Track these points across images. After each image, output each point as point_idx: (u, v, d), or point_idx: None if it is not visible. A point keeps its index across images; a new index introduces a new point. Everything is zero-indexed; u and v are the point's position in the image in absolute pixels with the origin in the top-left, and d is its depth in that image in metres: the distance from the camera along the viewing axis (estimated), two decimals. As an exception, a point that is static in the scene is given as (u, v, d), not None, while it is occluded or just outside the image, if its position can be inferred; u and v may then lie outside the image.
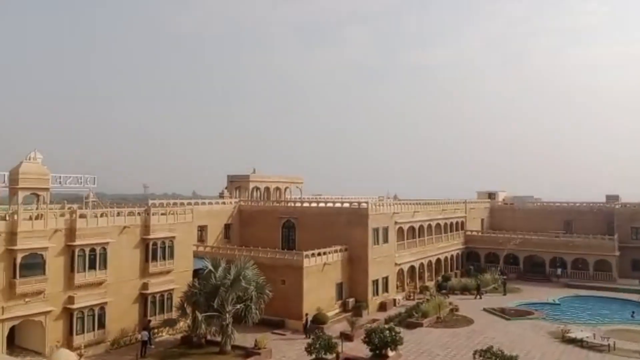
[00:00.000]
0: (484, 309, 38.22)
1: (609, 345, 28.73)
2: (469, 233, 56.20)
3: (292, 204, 45.13)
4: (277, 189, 53.22)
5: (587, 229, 54.07)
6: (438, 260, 48.97)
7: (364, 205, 39.20)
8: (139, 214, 30.68)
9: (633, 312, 36.77)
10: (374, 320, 33.32)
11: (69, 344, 26.03)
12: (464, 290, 44.30)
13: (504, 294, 43.91)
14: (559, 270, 50.71)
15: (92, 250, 27.49)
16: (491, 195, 67.55)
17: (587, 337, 30.03)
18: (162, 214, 31.91)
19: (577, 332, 30.78)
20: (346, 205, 41.84)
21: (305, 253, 33.60)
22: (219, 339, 27.74)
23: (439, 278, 47.56)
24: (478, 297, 42.27)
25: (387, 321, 32.94)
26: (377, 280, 38.57)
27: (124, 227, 29.46)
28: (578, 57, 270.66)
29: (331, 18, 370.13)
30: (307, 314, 32.10)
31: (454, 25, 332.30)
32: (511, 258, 52.94)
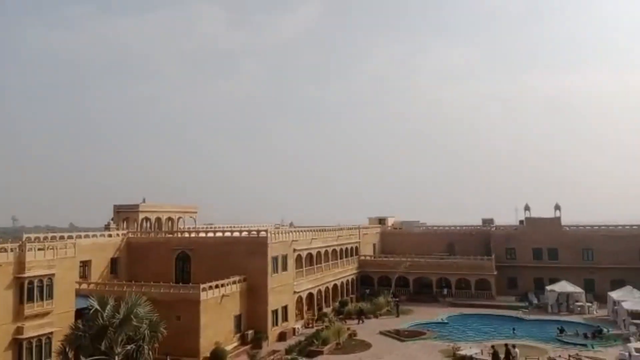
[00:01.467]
0: (380, 332, 39.25)
1: None
2: (362, 258, 57.86)
3: (187, 235, 43.30)
4: (170, 219, 50.72)
5: (468, 251, 58.33)
6: (335, 285, 49.64)
7: (264, 233, 38.73)
8: (11, 249, 27.36)
9: (514, 329, 39.83)
10: (274, 352, 32.67)
11: None
12: (360, 314, 45.20)
13: (397, 316, 45.56)
14: (445, 290, 53.90)
15: (-48, 293, 23.87)
16: (381, 221, 70.41)
17: (476, 353, 32.00)
18: (40, 249, 28.76)
19: (466, 350, 32.68)
20: (244, 234, 41.03)
21: (202, 286, 32.19)
22: (106, 385, 25.30)
23: (337, 303, 48.12)
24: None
25: (287, 351, 32.48)
26: (276, 310, 38.01)
27: (-7, 265, 26.05)
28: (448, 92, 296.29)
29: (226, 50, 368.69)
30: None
31: (344, 63, 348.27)
32: (402, 280, 55.27)
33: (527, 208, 58.46)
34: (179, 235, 43.75)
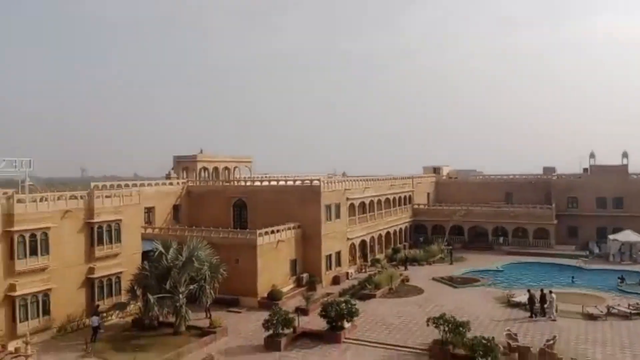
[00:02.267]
0: (433, 278, 39.51)
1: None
2: (416, 206, 57.65)
3: (243, 183, 44.54)
4: (226, 168, 52.29)
5: (527, 200, 56.81)
6: (388, 233, 50.01)
7: (317, 182, 39.25)
8: (81, 197, 29.25)
9: (573, 277, 39.02)
10: (328, 294, 33.71)
11: (12, 332, 24.80)
12: (414, 261, 45.53)
13: (451, 263, 45.53)
14: (501, 239, 53.14)
15: (33, 235, 26.03)
16: (436, 170, 69.42)
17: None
18: (107, 197, 30.59)
19: (520, 297, 32.36)
20: (298, 183, 41.75)
21: (259, 231, 33.33)
22: (172, 320, 27.25)
23: (389, 250, 48.64)
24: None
25: (341, 294, 33.40)
26: (330, 255, 38.94)
27: (66, 212, 28.05)
28: (513, 39, 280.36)
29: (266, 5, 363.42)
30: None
31: (391, 12, 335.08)
32: (456, 229, 54.86)
33: (592, 155, 55.74)
34: (236, 184, 45.08)
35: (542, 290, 30.85)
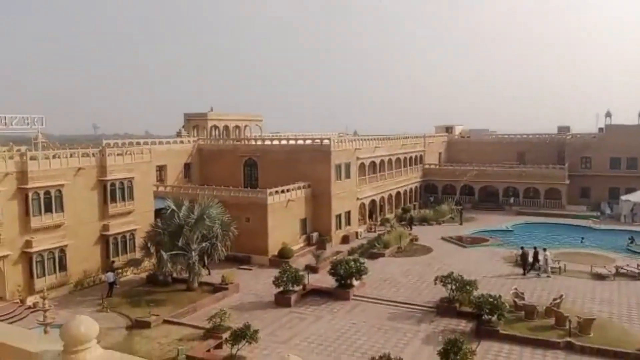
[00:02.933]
0: (442, 238, 39.77)
1: (559, 267, 30.62)
2: (427, 166, 57.41)
3: (254, 142, 44.51)
4: (237, 127, 52.18)
5: (539, 160, 56.21)
6: (398, 193, 50.07)
7: (327, 142, 39.11)
8: (93, 155, 29.53)
9: (583, 238, 38.98)
10: (337, 253, 34.17)
11: (30, 288, 25.60)
12: (423, 221, 45.75)
13: (461, 223, 45.64)
14: (512, 199, 53.01)
15: (47, 193, 26.47)
16: (448, 129, 68.69)
17: (539, 260, 31.80)
18: (119, 155, 30.84)
19: (530, 257, 32.45)
20: (308, 142, 41.63)
21: (269, 190, 33.54)
22: (185, 276, 27.91)
23: (399, 210, 48.82)
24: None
25: (350, 253, 33.84)
26: (340, 215, 39.21)
27: (79, 169, 28.37)
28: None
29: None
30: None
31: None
32: (467, 189, 54.72)
33: (608, 115, 54.64)
34: (246, 142, 45.06)
35: (535, 248, 31.44)
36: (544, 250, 30.96)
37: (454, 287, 24.13)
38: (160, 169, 39.66)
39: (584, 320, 21.10)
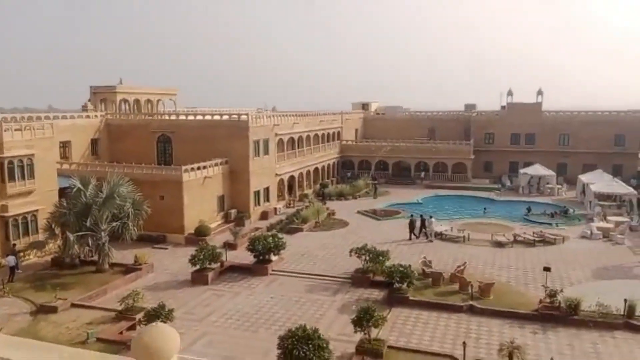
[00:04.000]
0: (358, 212, 41.04)
1: (464, 236, 32.80)
2: (344, 142, 58.58)
3: (167, 117, 42.90)
4: (149, 101, 49.95)
5: (448, 136, 59.27)
6: (316, 169, 50.78)
7: (244, 117, 38.60)
8: (-13, 130, 27.06)
9: (485, 208, 41.90)
10: (256, 229, 34.20)
11: None
12: (340, 196, 46.87)
13: (375, 197, 47.32)
14: (423, 174, 55.62)
15: None
16: (365, 106, 70.27)
17: (446, 230, 33.93)
18: (17, 130, 28.50)
19: (437, 227, 34.51)
20: (225, 117, 40.83)
21: (184, 167, 32.65)
22: (94, 258, 26.71)
23: (317, 186, 49.61)
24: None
25: (269, 229, 34.03)
26: (258, 191, 39.13)
27: (-30, 145, 25.93)
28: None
29: None
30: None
31: None
32: (382, 164, 56.63)
33: (509, 93, 58.45)
34: (159, 117, 43.34)
35: (421, 215, 34.43)
36: (430, 217, 34.07)
37: (368, 258, 25.12)
38: (65, 145, 37.23)
39: (484, 284, 22.86)
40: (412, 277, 22.83)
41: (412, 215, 34.81)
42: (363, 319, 17.73)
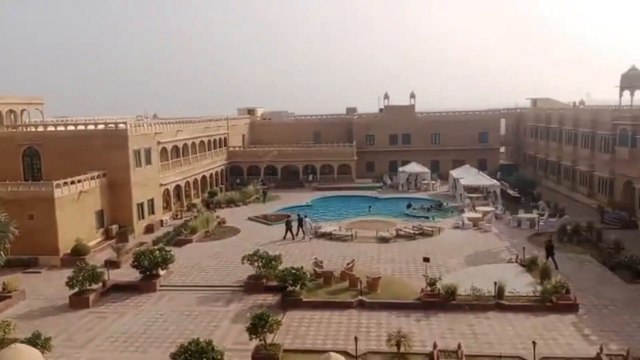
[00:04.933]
0: (249, 218, 40.88)
1: (351, 235, 34.16)
2: (232, 149, 58.00)
3: (34, 129, 39.22)
4: (11, 111, 45.21)
5: (332, 138, 61.30)
6: (204, 177, 49.65)
7: (122, 126, 36.57)
8: None
9: (370, 207, 43.97)
10: (141, 244, 32.61)
11: None
12: (230, 203, 46.31)
13: (264, 202, 47.47)
14: (311, 176, 56.90)
15: None
16: (250, 112, 70.15)
17: (335, 230, 35.07)
18: None
19: (326, 227, 35.60)
20: (101, 127, 38.32)
21: (55, 182, 30.10)
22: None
23: (206, 194, 48.53)
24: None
25: (155, 242, 32.64)
26: (142, 204, 37.29)
27: None
28: None
29: None
30: None
31: None
32: (270, 169, 56.96)
33: (386, 96, 61.94)
34: (25, 129, 39.48)
35: (299, 215, 36.22)
36: (305, 216, 35.87)
37: (260, 264, 25.14)
38: None
39: (372, 279, 24.03)
40: (305, 279, 23.29)
41: (288, 216, 36.86)
42: (258, 325, 17.76)
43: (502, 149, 66.01)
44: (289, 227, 34.59)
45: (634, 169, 36.35)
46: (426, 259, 26.38)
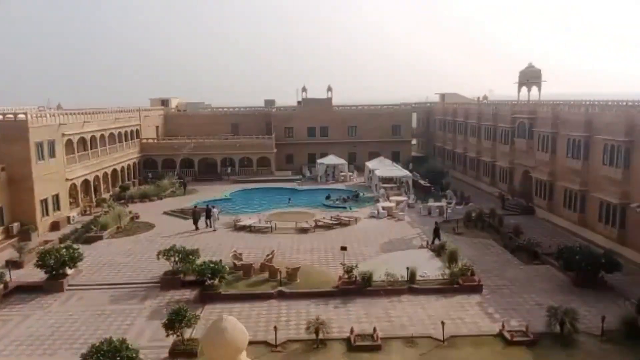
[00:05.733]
0: (164, 212, 39.68)
1: (271, 227, 34.25)
2: (145, 141, 55.78)
3: None
4: None
5: (251, 131, 60.88)
6: (114, 170, 47.39)
7: (22, 116, 33.96)
8: None
9: (289, 198, 44.26)
10: (46, 242, 30.61)
11: None
12: (144, 197, 44.63)
13: (184, 195, 46.30)
14: (229, 169, 56.16)
15: None
16: (164, 102, 67.74)
17: (254, 222, 35.00)
18: None
19: (246, 220, 35.42)
20: (-4, 117, 35.33)
21: (-56, 178, 27.46)
22: None
23: (117, 188, 46.38)
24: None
25: (62, 240, 30.79)
26: (46, 199, 34.96)
27: None
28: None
29: None
30: None
31: None
32: (187, 162, 55.47)
33: (304, 90, 62.38)
34: None
35: (207, 206, 36.76)
36: (213, 207, 36.28)
37: (177, 259, 24.57)
38: None
39: (291, 269, 24.33)
40: (224, 272, 23.12)
41: (195, 207, 37.02)
42: (175, 320, 17.44)
43: (414, 142, 69.00)
44: (195, 217, 34.81)
45: (530, 159, 39.54)
46: (343, 248, 27.14)
